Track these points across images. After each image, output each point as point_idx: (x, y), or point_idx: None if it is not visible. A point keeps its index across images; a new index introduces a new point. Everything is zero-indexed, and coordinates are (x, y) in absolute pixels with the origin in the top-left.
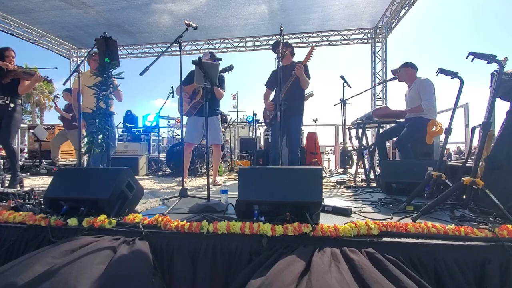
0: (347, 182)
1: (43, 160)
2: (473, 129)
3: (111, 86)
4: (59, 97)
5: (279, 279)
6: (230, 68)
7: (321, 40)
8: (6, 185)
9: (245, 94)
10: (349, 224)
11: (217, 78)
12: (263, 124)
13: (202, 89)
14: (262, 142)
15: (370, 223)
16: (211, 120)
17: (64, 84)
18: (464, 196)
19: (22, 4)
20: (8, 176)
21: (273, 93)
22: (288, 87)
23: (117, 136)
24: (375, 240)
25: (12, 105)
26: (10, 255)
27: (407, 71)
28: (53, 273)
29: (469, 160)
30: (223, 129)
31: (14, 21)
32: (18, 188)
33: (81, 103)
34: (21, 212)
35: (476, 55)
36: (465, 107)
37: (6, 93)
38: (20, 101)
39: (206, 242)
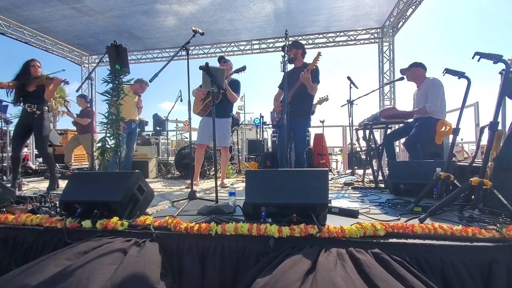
0: (354, 183)
1: (56, 164)
2: (482, 129)
3: (122, 92)
4: (68, 102)
5: (284, 277)
6: (243, 68)
7: (328, 41)
8: (24, 188)
9: (252, 96)
10: (355, 226)
11: (223, 82)
12: (270, 126)
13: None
14: (269, 144)
15: (376, 224)
16: (221, 122)
17: (77, 91)
18: (473, 197)
19: (35, 14)
20: (24, 180)
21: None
22: (295, 91)
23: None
24: (381, 241)
25: (38, 112)
26: (28, 256)
27: (416, 71)
28: (66, 274)
29: (479, 160)
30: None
31: (28, 30)
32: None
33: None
34: (38, 215)
35: (482, 55)
36: (475, 106)
37: (32, 101)
38: (46, 107)
39: (214, 243)
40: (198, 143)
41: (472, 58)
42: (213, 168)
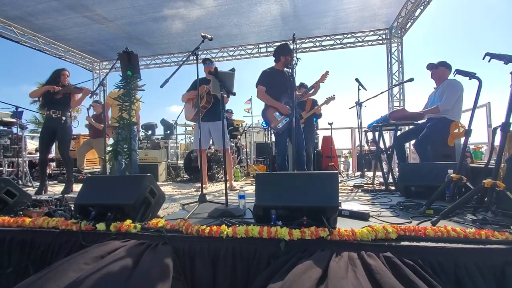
0: (364, 185)
1: None
2: (494, 130)
3: (134, 98)
4: (92, 106)
5: (297, 284)
6: (231, 71)
7: (335, 43)
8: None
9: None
10: (367, 228)
11: (233, 87)
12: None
13: (207, 94)
14: None
15: (388, 227)
16: (216, 124)
17: (90, 97)
18: (486, 199)
19: (48, 22)
20: (37, 184)
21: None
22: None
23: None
24: (393, 244)
25: (63, 118)
26: (44, 258)
27: (443, 72)
28: (85, 280)
29: (491, 162)
30: (239, 136)
31: (42, 38)
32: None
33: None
34: (54, 218)
35: (493, 56)
36: (487, 106)
37: (58, 107)
38: (69, 113)
39: (225, 245)
40: (196, 149)
41: (483, 58)
42: (222, 171)
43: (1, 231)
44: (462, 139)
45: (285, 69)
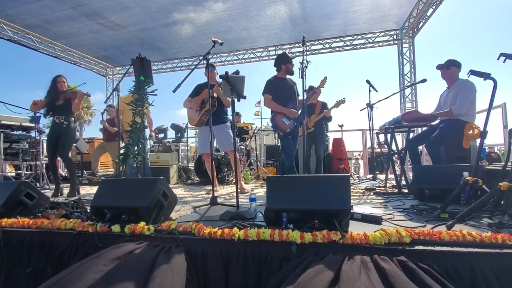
0: (377, 188)
1: (84, 171)
2: (511, 131)
3: (146, 102)
4: (106, 110)
5: (308, 287)
6: (236, 73)
7: (345, 44)
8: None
9: None
10: (379, 232)
11: (243, 91)
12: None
13: (211, 98)
14: None
15: (401, 231)
16: (220, 128)
17: (105, 102)
18: (502, 202)
19: (64, 30)
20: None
21: None
22: (299, 104)
23: (148, 147)
24: (407, 248)
25: (66, 122)
26: (62, 259)
27: (454, 72)
28: (103, 281)
29: (508, 164)
30: (248, 138)
31: (58, 45)
32: (77, 196)
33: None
34: (71, 220)
35: (508, 56)
36: (503, 107)
37: (61, 113)
38: (73, 118)
39: (237, 248)
40: (205, 153)
41: (498, 59)
42: (232, 174)
43: (21, 232)
44: (477, 141)
45: (287, 76)
